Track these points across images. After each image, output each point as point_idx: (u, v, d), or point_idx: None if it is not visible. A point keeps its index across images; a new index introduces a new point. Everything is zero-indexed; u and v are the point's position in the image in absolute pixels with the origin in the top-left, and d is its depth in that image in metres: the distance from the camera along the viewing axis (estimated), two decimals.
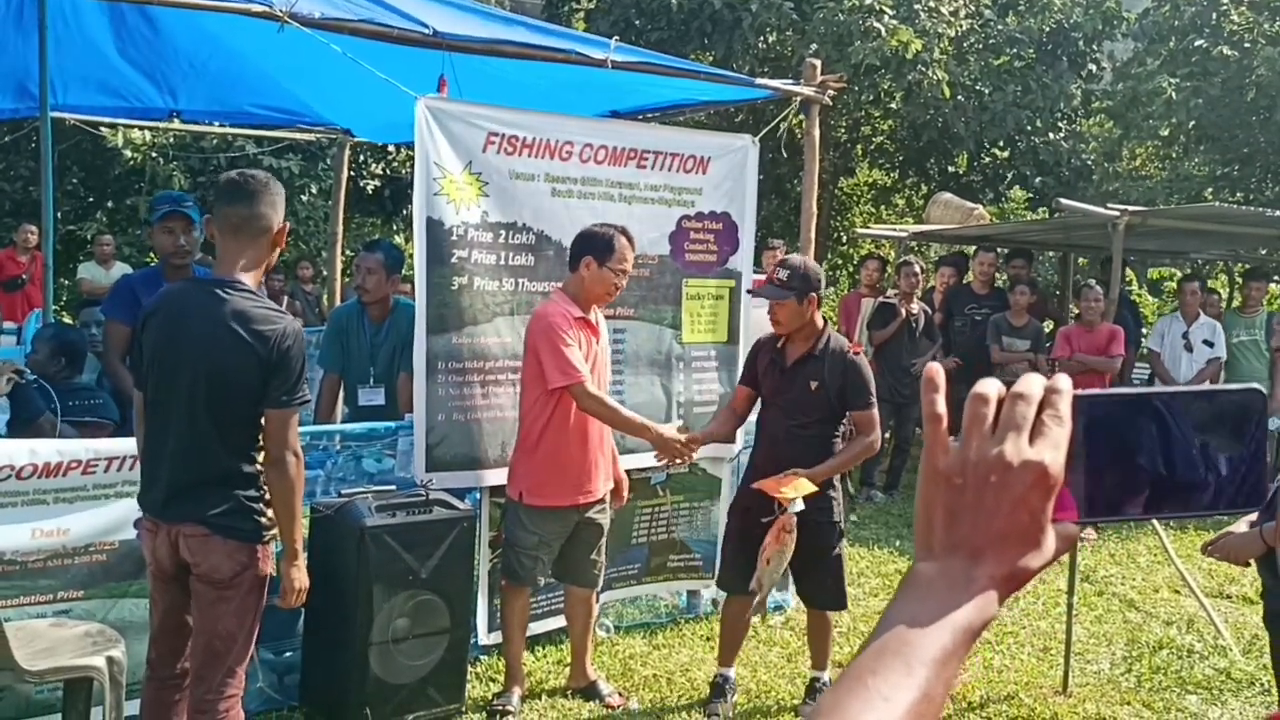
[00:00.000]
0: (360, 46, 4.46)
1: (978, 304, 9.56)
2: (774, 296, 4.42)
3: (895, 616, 0.79)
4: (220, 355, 3.15)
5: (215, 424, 3.18)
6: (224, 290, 3.18)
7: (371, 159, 15.47)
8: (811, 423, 4.44)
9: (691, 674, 4.99)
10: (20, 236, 11.19)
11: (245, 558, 3.23)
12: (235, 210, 3.22)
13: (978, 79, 14.52)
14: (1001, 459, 0.79)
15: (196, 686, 3.28)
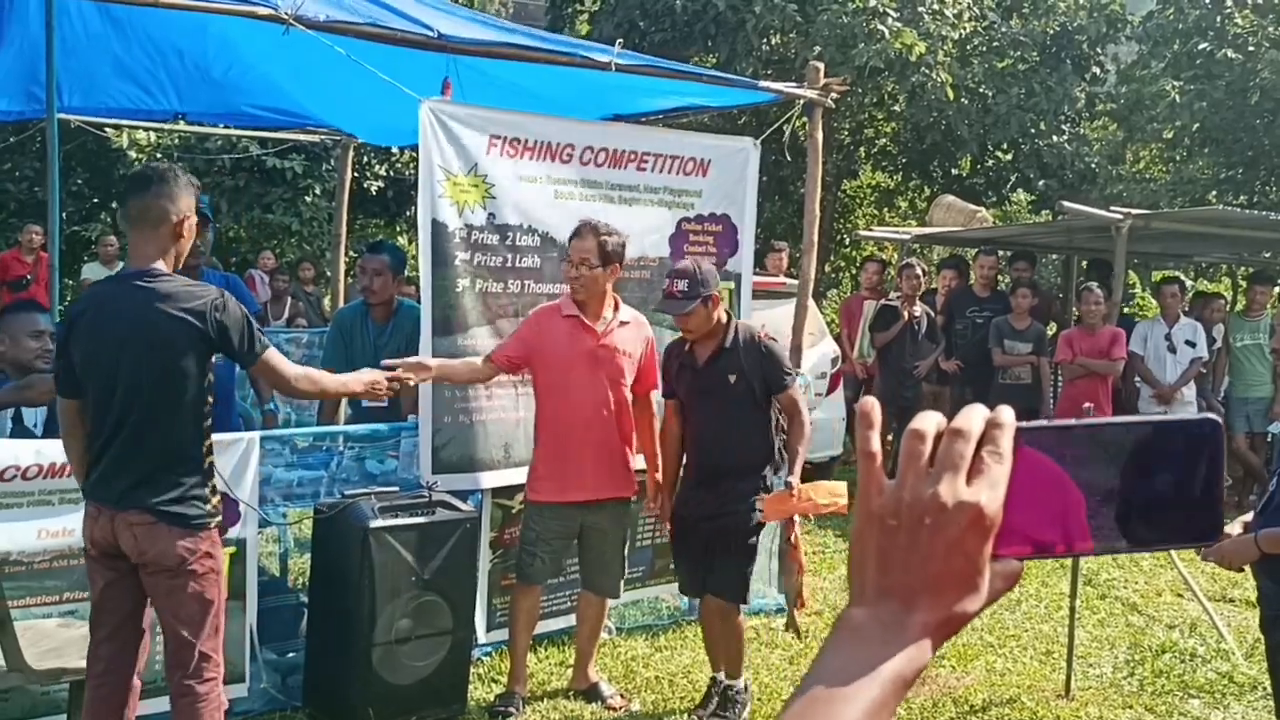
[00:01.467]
0: (364, 49, 4.47)
1: (979, 307, 9.56)
2: (677, 311, 4.37)
3: (823, 667, 0.76)
4: (159, 341, 3.20)
5: (164, 411, 3.23)
6: (145, 280, 3.24)
7: (375, 160, 15.51)
8: (741, 417, 4.40)
9: (694, 676, 5.00)
10: (25, 237, 11.22)
11: (192, 544, 3.25)
12: (136, 201, 3.30)
13: (981, 81, 14.53)
14: (936, 500, 0.75)
15: (174, 673, 3.31)
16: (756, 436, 4.43)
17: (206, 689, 3.31)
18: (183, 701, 3.29)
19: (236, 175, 14.78)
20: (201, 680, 3.30)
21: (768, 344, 4.43)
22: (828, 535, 7.75)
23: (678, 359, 4.51)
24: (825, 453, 8.89)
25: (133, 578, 3.29)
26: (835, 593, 6.40)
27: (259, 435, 4.32)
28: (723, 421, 4.39)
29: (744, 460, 4.39)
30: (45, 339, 4.32)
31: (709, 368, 4.39)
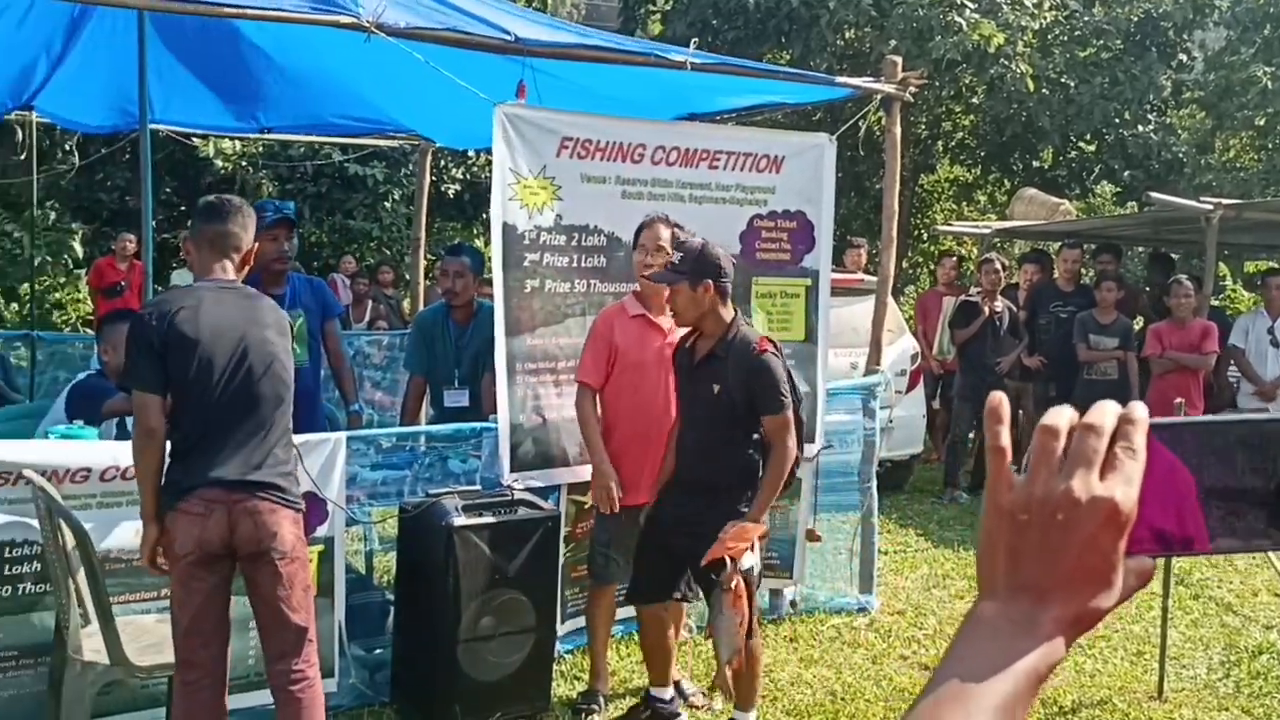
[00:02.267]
0: (440, 54, 4.53)
1: (1063, 301, 9.38)
2: (662, 280, 4.11)
3: (956, 661, 0.75)
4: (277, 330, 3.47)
5: (277, 397, 3.42)
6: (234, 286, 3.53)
7: (452, 164, 15.70)
8: (716, 435, 4.03)
9: (775, 675, 4.98)
10: (119, 245, 11.54)
11: (298, 529, 3.43)
12: (214, 227, 3.52)
13: (1063, 71, 14.26)
14: (1069, 495, 0.74)
15: (281, 663, 3.37)
16: (739, 454, 4.04)
17: (315, 673, 3.42)
18: (296, 689, 3.36)
19: (319, 182, 15.07)
20: (311, 664, 3.41)
21: (763, 359, 4.00)
22: (909, 534, 7.68)
23: (679, 353, 4.26)
24: (905, 451, 8.80)
25: (229, 578, 3.38)
26: (918, 592, 6.34)
27: (345, 435, 4.39)
28: (706, 431, 4.08)
29: (724, 478, 4.03)
30: None
31: (699, 370, 4.10)
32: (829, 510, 6.03)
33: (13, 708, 3.68)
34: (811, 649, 5.35)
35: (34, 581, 3.70)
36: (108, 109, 7.26)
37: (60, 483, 3.62)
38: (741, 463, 4.05)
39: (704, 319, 4.07)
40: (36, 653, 3.72)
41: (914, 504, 8.62)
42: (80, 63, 6.52)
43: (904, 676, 5.03)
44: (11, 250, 14.52)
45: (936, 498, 8.80)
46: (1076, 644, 4.18)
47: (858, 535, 6.00)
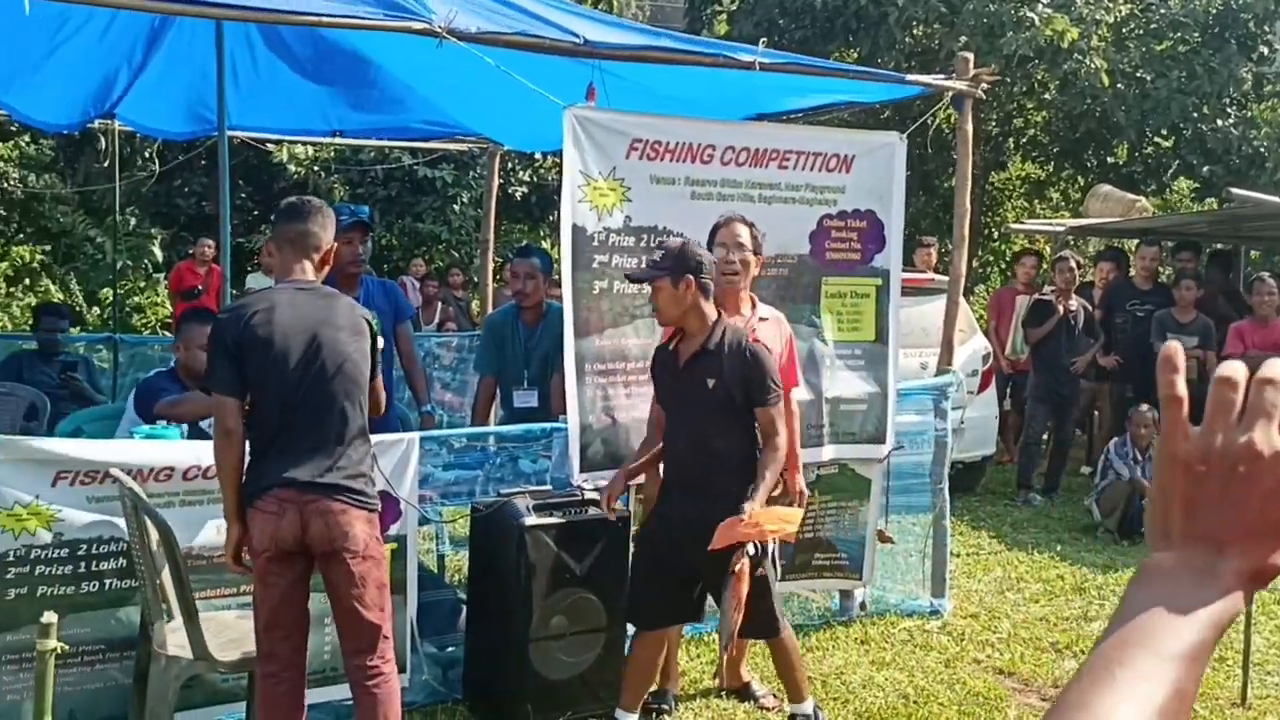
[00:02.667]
0: (509, 57, 4.57)
1: (1140, 300, 9.22)
2: (642, 278, 4.09)
3: (1137, 607, 0.75)
4: (350, 330, 3.48)
5: (351, 397, 3.45)
6: (311, 287, 3.55)
7: (519, 167, 15.82)
8: (715, 432, 3.98)
9: (846, 677, 4.95)
10: (198, 250, 11.79)
11: (371, 527, 3.45)
12: (293, 227, 3.57)
13: (1139, 65, 13.96)
14: (1251, 448, 0.74)
15: (360, 657, 3.42)
16: (737, 451, 4.01)
17: (391, 669, 3.46)
18: (371, 684, 3.41)
19: (389, 185, 15.28)
20: (386, 660, 3.45)
21: (754, 350, 4.01)
22: (982, 537, 7.58)
23: (662, 357, 4.17)
24: (978, 452, 8.69)
25: (307, 574, 3.43)
26: (991, 596, 6.26)
27: (418, 436, 4.45)
28: (700, 431, 3.99)
29: (723, 478, 3.95)
30: None
31: (687, 370, 4.01)
32: (900, 512, 5.98)
33: (99, 699, 3.79)
34: (883, 651, 5.30)
35: (119, 577, 3.80)
36: (186, 116, 7.43)
37: (145, 481, 3.71)
38: (739, 458, 4.00)
39: (686, 317, 4.01)
40: (122, 646, 3.82)
41: (986, 506, 8.51)
42: (160, 71, 6.69)
43: (978, 680, 4.97)
44: (94, 255, 14.93)
45: (1009, 500, 8.68)
46: None
47: (929, 537, 5.94)
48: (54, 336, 6.82)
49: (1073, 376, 8.82)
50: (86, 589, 3.78)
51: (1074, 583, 6.54)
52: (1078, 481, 9.30)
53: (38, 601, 3.63)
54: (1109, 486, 7.69)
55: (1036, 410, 8.87)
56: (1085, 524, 7.91)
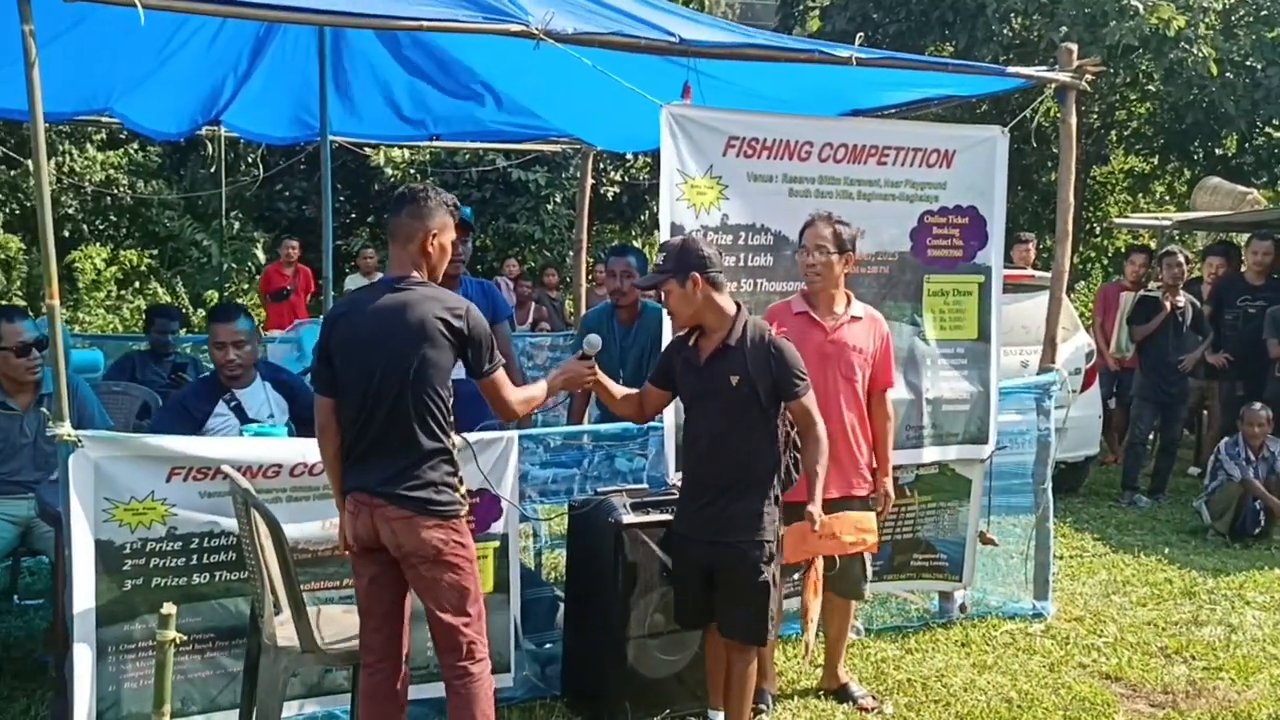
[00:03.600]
0: (602, 57, 4.58)
1: (1252, 295, 8.91)
2: (648, 285, 4.07)
3: None
4: (418, 336, 3.38)
5: (418, 403, 3.38)
6: (401, 284, 3.47)
7: (610, 167, 15.89)
8: (743, 424, 3.89)
9: (947, 680, 4.87)
10: (284, 251, 12.04)
11: (445, 534, 3.39)
12: (392, 219, 3.56)
13: (1248, 54, 13.48)
14: None
15: (446, 658, 3.45)
16: (761, 449, 3.92)
17: (480, 669, 3.45)
18: (458, 683, 3.43)
19: (483, 187, 15.47)
20: (475, 661, 3.44)
21: (778, 343, 3.94)
22: (1086, 539, 7.40)
23: (682, 354, 4.03)
24: (1081, 452, 8.48)
25: (394, 570, 3.45)
26: (1096, 599, 6.10)
27: (517, 434, 4.49)
28: (722, 429, 3.90)
29: (744, 476, 3.89)
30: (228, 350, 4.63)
31: (709, 366, 3.92)
32: (1001, 513, 5.87)
33: (210, 687, 3.89)
34: (985, 654, 5.20)
35: (229, 569, 3.90)
36: (290, 121, 7.62)
37: (254, 477, 3.81)
38: (763, 456, 3.92)
39: (702, 314, 3.92)
40: (231, 635, 3.93)
41: (1090, 507, 8.30)
42: (264, 78, 6.86)
43: (1084, 685, 4.85)
44: (199, 259, 15.39)
45: (1114, 501, 8.45)
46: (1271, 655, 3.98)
47: (1031, 539, 5.82)
48: (165, 338, 7.03)
49: (1180, 375, 8.56)
50: (198, 580, 3.89)
51: (1183, 586, 6.35)
52: (1185, 483, 9.02)
53: (153, 593, 3.76)
54: (1220, 488, 7.45)
55: (1142, 409, 8.63)
56: (1194, 526, 7.67)
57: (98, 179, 14.57)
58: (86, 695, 3.68)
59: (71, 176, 14.42)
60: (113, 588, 3.75)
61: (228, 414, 4.61)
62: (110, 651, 3.75)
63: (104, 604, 3.72)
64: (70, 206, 14.58)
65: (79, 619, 3.66)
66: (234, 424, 4.57)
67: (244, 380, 4.72)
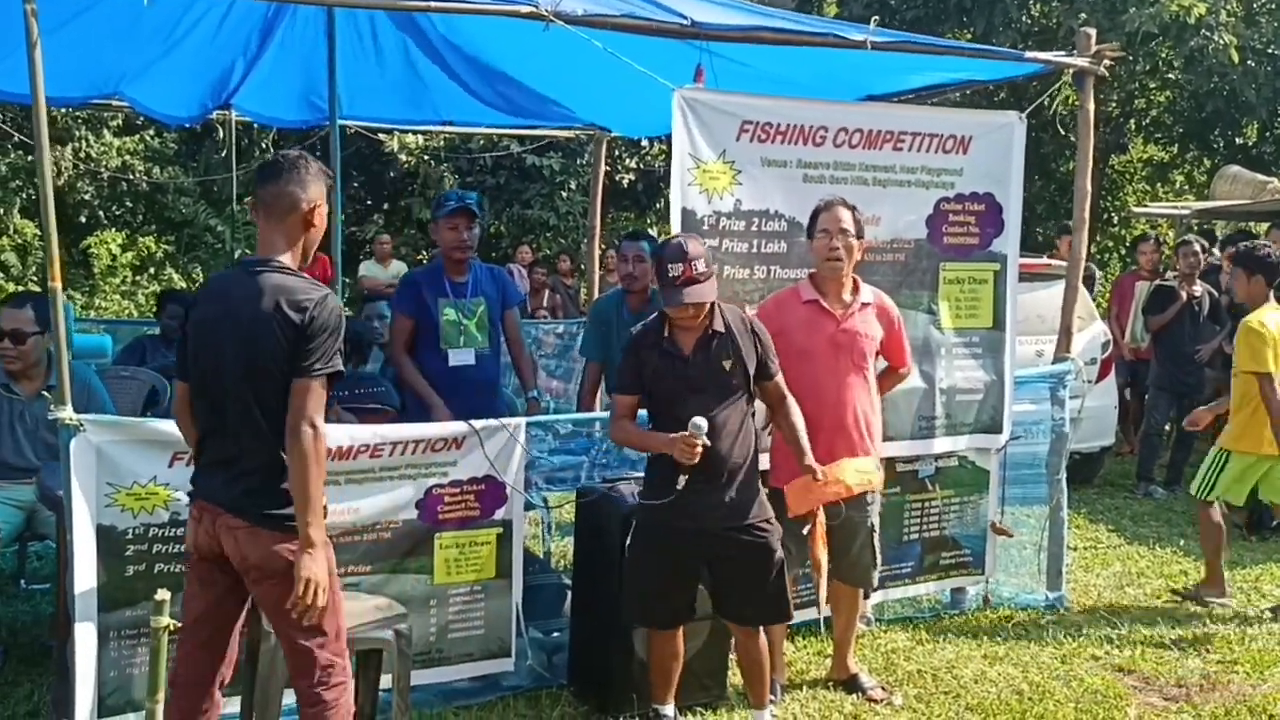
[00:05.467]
0: (615, 41, 4.53)
1: None
2: (708, 297, 3.82)
3: None
4: (253, 334, 3.02)
5: (261, 407, 3.04)
6: (258, 269, 3.09)
7: (626, 154, 15.83)
8: (737, 413, 3.85)
9: (957, 671, 4.82)
10: None
11: (294, 547, 3.01)
12: (265, 190, 3.15)
13: (1271, 41, 13.34)
14: None
15: (298, 682, 3.13)
16: (750, 431, 3.91)
17: (335, 695, 3.11)
18: (311, 711, 3.11)
19: (497, 173, 15.43)
20: (329, 687, 3.09)
21: (757, 323, 3.98)
22: (1100, 530, 7.34)
23: (653, 349, 3.88)
24: (1096, 443, 8.40)
25: (234, 586, 3.14)
26: (1110, 591, 6.04)
27: (524, 421, 4.45)
28: (721, 415, 3.80)
29: (746, 458, 3.87)
30: None
31: (698, 356, 3.84)
32: (1015, 503, 5.81)
33: None
34: (996, 645, 5.15)
35: None
36: (300, 104, 7.59)
37: None
38: (753, 438, 3.94)
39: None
40: None
41: (1104, 498, 8.23)
42: (274, 61, 6.82)
43: (1096, 678, 4.80)
44: (214, 244, 15.40)
45: (1129, 492, 8.37)
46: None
47: (1045, 529, 5.76)
48: (175, 323, 7.02)
49: (1196, 365, 8.47)
50: None
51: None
52: None
53: (156, 578, 3.72)
54: None
55: (1158, 400, 8.55)
56: None
57: (114, 165, 14.58)
58: (89, 680, 3.66)
59: (88, 162, 14.44)
60: (115, 573, 3.71)
61: None
62: (113, 637, 3.72)
63: (106, 589, 3.69)
64: (86, 192, 14.60)
65: (80, 604, 3.63)
66: None
67: None
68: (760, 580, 3.91)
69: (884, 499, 4.79)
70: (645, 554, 3.94)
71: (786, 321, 4.33)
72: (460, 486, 4.27)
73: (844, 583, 4.59)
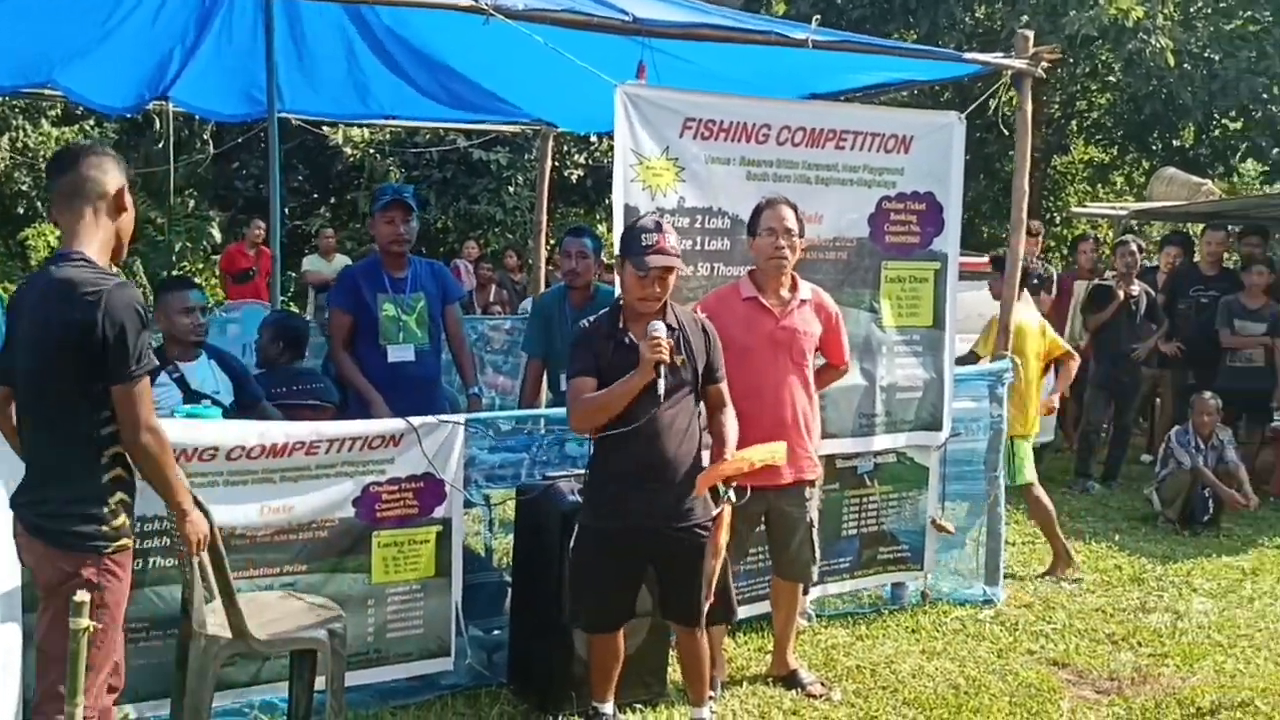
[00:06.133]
0: (561, 37, 4.51)
1: (1205, 285, 8.99)
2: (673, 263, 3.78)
3: None
4: (44, 334, 2.86)
5: (49, 412, 2.91)
6: (58, 263, 2.93)
7: (574, 150, 15.79)
8: (684, 411, 3.83)
9: (896, 666, 4.86)
10: (250, 232, 11.88)
11: (73, 567, 2.86)
12: (62, 179, 2.98)
13: (1207, 45, 13.59)
14: None
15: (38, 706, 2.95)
16: (695, 430, 3.89)
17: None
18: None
19: (444, 168, 15.32)
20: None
21: (707, 323, 3.97)
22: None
23: (608, 338, 3.85)
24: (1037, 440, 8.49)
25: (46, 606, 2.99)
26: (1046, 585, 6.12)
27: (464, 418, 4.42)
28: (668, 412, 3.76)
29: (690, 457, 3.85)
30: (196, 315, 4.55)
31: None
32: (954, 499, 5.86)
33: (143, 676, 3.78)
34: (934, 640, 5.20)
35: (163, 555, 3.80)
36: (239, 97, 7.47)
37: (188, 460, 3.71)
38: (698, 437, 3.91)
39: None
40: (166, 624, 3.82)
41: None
42: (212, 52, 6.72)
43: (1031, 672, 4.86)
44: (154, 237, 15.14)
45: (1067, 488, 8.49)
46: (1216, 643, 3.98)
47: (983, 525, 5.82)
48: None
49: (1133, 363, 8.62)
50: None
51: (1132, 573, 6.39)
52: (1138, 470, 9.09)
53: None
54: (1170, 475, 7.50)
55: (1096, 397, 8.68)
56: (1145, 513, 7.73)
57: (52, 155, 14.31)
58: (14, 682, 3.57)
59: (25, 153, 14.16)
60: None
61: (169, 384, 4.54)
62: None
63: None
64: (24, 183, 14.33)
65: (3, 605, 3.54)
66: (175, 395, 4.49)
67: (189, 355, 4.66)
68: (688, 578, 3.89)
69: (823, 495, 4.82)
70: (590, 557, 3.89)
71: (726, 319, 4.33)
72: (399, 484, 4.23)
73: (783, 578, 4.62)
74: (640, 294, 3.82)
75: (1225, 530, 7.41)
